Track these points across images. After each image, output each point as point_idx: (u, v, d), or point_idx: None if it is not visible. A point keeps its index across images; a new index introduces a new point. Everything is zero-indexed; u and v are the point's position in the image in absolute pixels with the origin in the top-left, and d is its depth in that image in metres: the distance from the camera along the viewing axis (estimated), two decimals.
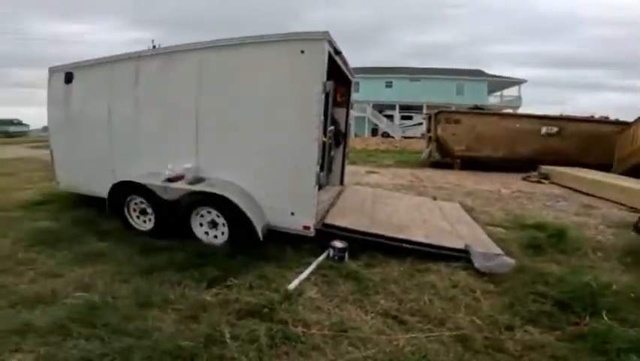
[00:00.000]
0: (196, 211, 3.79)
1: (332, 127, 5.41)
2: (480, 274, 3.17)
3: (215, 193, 3.60)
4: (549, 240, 4.05)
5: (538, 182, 9.16)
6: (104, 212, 4.34)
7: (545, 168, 9.70)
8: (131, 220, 4.24)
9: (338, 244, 3.42)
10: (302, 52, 3.36)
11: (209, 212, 3.74)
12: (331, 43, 3.53)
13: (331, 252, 3.41)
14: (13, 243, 3.82)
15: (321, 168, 4.43)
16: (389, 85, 35.63)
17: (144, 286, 2.82)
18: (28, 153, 16.08)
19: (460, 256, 3.43)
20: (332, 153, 5.74)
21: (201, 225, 3.81)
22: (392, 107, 34.96)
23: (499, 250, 3.59)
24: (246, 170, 3.79)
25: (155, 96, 4.25)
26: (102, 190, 4.29)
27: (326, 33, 3.36)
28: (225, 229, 3.69)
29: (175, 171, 3.91)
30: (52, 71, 5.11)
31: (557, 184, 8.78)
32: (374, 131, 33.92)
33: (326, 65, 3.38)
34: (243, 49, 3.67)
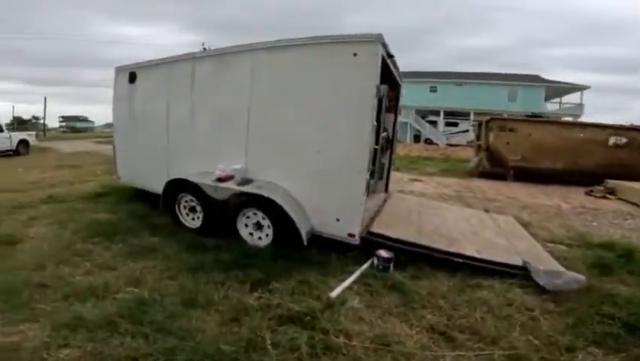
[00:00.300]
0: (242, 212, 3.83)
1: (385, 133, 5.26)
2: (538, 292, 2.93)
3: (262, 195, 3.61)
4: (618, 260, 3.69)
5: (604, 197, 8.36)
6: (157, 207, 4.54)
7: (612, 183, 8.84)
8: (180, 217, 4.39)
9: (383, 253, 3.29)
10: (355, 54, 3.28)
11: (255, 213, 3.77)
12: (384, 45, 3.43)
13: (376, 261, 3.29)
14: (72, 233, 4.07)
15: (371, 175, 4.30)
16: (433, 90, 34.20)
17: (190, 284, 2.88)
18: (93, 148, 17.52)
19: (516, 273, 3.17)
20: (383, 160, 5.60)
21: (247, 226, 3.84)
22: (436, 112, 33.64)
23: (561, 268, 3.30)
24: (294, 173, 3.77)
25: (208, 97, 4.36)
26: (158, 186, 4.49)
27: (380, 35, 3.26)
28: (270, 231, 3.68)
29: (225, 171, 3.99)
30: (118, 70, 5.41)
31: (625, 200, 7.97)
32: (416, 138, 32.83)
33: (379, 69, 3.29)
34: (295, 50, 3.66)
